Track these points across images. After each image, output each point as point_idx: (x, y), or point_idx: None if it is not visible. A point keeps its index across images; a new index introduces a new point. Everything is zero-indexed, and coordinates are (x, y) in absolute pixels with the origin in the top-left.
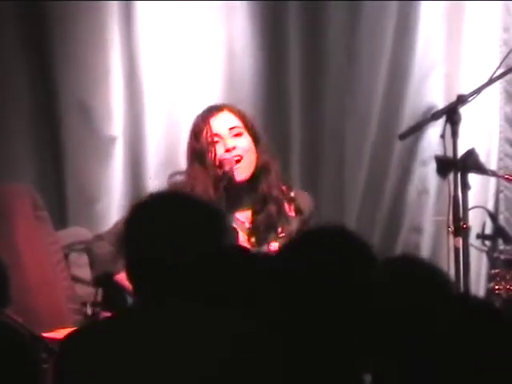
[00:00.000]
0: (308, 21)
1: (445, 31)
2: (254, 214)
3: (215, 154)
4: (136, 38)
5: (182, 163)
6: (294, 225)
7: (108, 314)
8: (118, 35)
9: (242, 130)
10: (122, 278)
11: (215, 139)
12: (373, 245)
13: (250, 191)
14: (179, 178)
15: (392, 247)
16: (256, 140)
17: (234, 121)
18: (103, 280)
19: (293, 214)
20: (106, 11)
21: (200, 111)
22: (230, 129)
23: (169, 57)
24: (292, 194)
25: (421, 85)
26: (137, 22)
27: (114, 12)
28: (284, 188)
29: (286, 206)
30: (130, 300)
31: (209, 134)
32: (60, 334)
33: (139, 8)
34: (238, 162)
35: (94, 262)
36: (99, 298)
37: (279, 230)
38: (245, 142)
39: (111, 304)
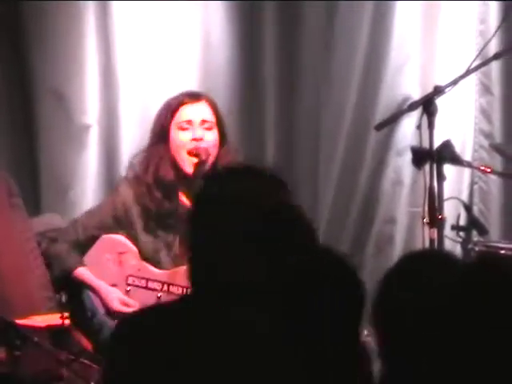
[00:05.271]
0: (284, 12)
1: (421, 22)
2: None
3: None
4: (112, 27)
5: None
6: None
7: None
8: (93, 24)
9: (213, 126)
10: (80, 273)
11: (185, 126)
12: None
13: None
14: (139, 156)
15: (366, 239)
16: (223, 139)
17: (209, 114)
18: (62, 281)
19: None
20: (82, 1)
21: (178, 93)
22: (203, 121)
23: (144, 46)
24: None
25: (396, 76)
26: (113, 11)
27: (90, 2)
28: None
29: None
30: (87, 295)
31: (181, 118)
32: (33, 321)
33: None
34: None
35: (52, 264)
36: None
37: None
38: (212, 137)
39: (73, 303)
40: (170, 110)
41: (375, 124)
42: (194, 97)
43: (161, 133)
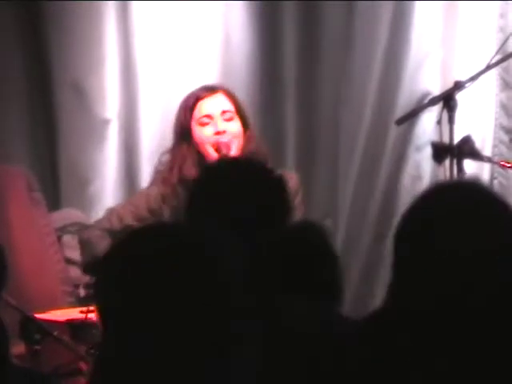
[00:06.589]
0: (304, 9)
1: (441, 17)
2: None
3: (202, 135)
4: (132, 22)
5: None
6: None
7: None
8: (114, 20)
9: (234, 115)
10: None
11: (205, 120)
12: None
13: None
14: (166, 156)
15: (386, 234)
16: (245, 126)
17: (227, 104)
18: (91, 266)
19: None
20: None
21: (194, 89)
22: (223, 112)
23: (165, 43)
24: None
25: (416, 71)
26: (133, 8)
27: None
28: None
29: None
30: None
31: (200, 114)
32: (52, 315)
33: None
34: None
35: (83, 249)
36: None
37: None
38: (235, 127)
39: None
40: (188, 107)
41: (395, 119)
42: (209, 90)
43: (182, 132)
